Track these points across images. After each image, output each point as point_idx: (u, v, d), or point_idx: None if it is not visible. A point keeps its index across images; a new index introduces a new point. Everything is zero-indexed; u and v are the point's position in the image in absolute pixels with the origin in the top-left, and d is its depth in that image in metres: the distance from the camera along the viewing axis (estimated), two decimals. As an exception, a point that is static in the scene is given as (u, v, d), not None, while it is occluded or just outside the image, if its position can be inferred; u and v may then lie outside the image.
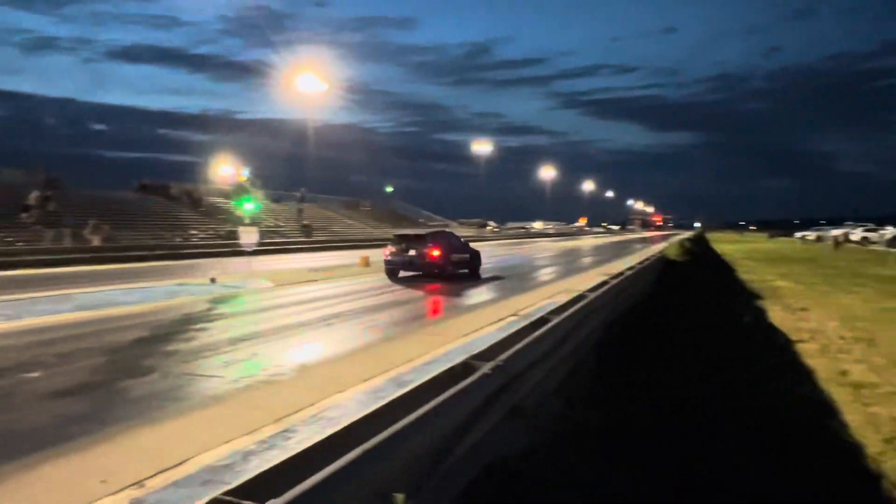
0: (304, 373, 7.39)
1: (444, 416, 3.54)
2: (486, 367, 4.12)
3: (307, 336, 9.79)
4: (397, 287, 16.76)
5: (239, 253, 23.82)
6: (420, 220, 76.68)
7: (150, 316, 11.31)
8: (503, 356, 4.57)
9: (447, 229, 28.54)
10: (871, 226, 61.58)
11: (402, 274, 19.54)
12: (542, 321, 6.41)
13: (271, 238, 39.84)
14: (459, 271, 19.84)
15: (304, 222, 49.46)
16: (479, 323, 10.58)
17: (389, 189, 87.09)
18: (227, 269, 20.46)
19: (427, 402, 3.53)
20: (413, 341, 9.22)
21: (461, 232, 74.52)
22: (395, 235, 20.64)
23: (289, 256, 31.61)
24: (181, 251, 30.13)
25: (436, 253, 18.83)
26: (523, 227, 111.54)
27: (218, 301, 13.64)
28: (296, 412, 5.78)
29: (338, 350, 8.74)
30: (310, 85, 51.35)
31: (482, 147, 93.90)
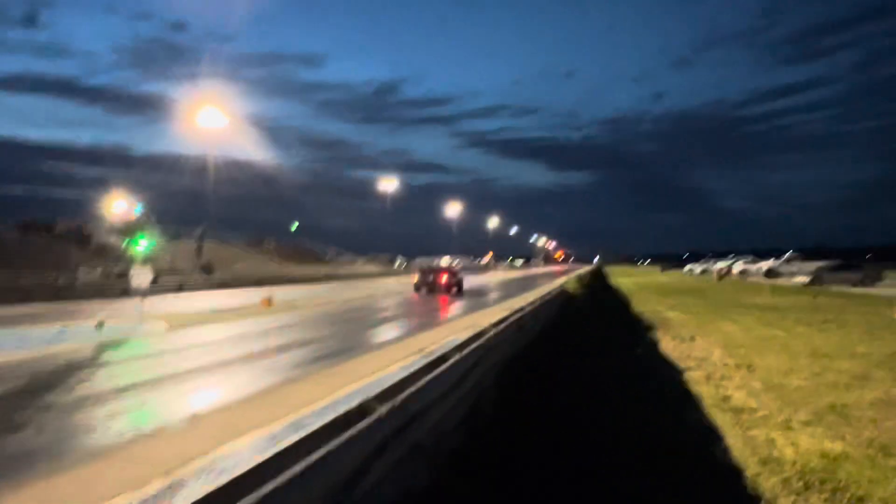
0: (198, 421, 7.04)
1: (339, 460, 3.48)
2: (383, 409, 4.09)
3: (203, 381, 9.36)
4: (302, 326, 16.39)
5: (132, 294, 22.55)
6: (327, 258, 75.70)
7: (25, 366, 10.44)
8: (402, 396, 4.56)
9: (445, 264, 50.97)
10: (750, 258, 66.01)
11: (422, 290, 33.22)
12: (442, 359, 6.45)
13: (168, 278, 38.03)
14: (455, 290, 33.56)
15: (205, 261, 47.62)
16: (383, 362, 10.50)
17: (295, 226, 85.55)
18: (118, 312, 19.29)
19: (323, 446, 3.46)
20: (314, 383, 9.02)
21: (369, 269, 74.20)
22: (419, 268, 39.03)
23: (187, 296, 30.24)
24: (66, 293, 28.16)
25: (444, 278, 33.96)
26: (432, 263, 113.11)
27: (105, 347, 12.80)
28: (186, 464, 5.48)
29: (235, 395, 8.40)
30: (211, 119, 50.04)
31: (389, 184, 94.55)
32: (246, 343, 13.37)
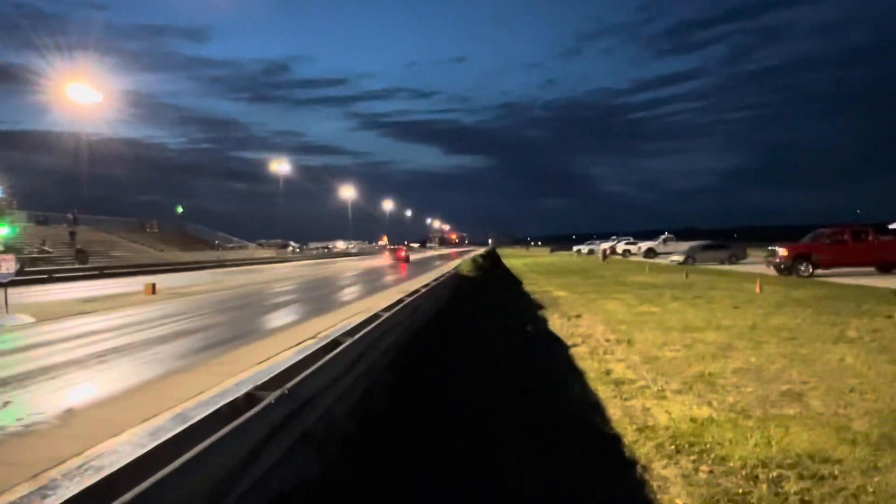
0: (72, 418, 6.60)
1: (224, 451, 3.38)
2: (271, 397, 4.01)
3: (77, 376, 8.75)
4: (188, 315, 15.66)
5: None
6: (216, 242, 72.50)
7: None
8: (291, 383, 4.48)
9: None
10: (631, 239, 69.26)
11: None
12: (335, 343, 6.40)
13: (37, 266, 35.08)
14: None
15: (78, 247, 44.29)
16: (275, 349, 10.27)
17: (180, 209, 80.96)
18: (-23, 305, 17.60)
19: (207, 437, 3.34)
20: (202, 373, 8.68)
21: (260, 254, 71.76)
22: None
23: (60, 286, 28.05)
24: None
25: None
26: (326, 248, 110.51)
27: (-38, 343, 11.67)
28: (58, 464, 5.13)
29: (114, 389, 7.93)
30: (83, 94, 46.31)
31: (281, 166, 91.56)
32: (126, 334, 12.61)
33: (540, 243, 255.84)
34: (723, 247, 44.06)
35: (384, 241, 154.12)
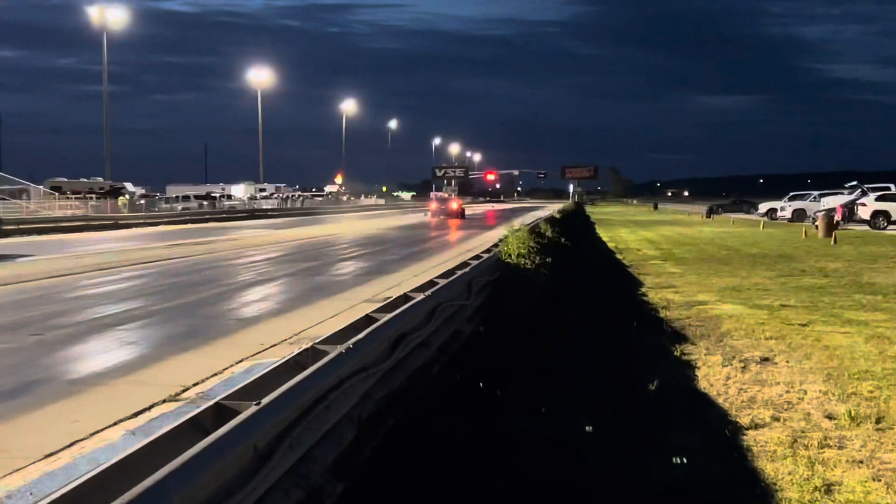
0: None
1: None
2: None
3: None
4: None
5: None
6: None
7: None
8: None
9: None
10: (893, 189, 36.32)
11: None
12: None
13: None
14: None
15: None
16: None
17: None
18: None
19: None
20: None
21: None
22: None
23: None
24: None
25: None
26: (209, 197, 57.55)
27: None
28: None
29: None
30: None
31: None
32: None
33: (686, 194, 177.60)
34: None
35: (337, 180, 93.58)
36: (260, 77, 70.00)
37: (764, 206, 49.22)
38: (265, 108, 69.89)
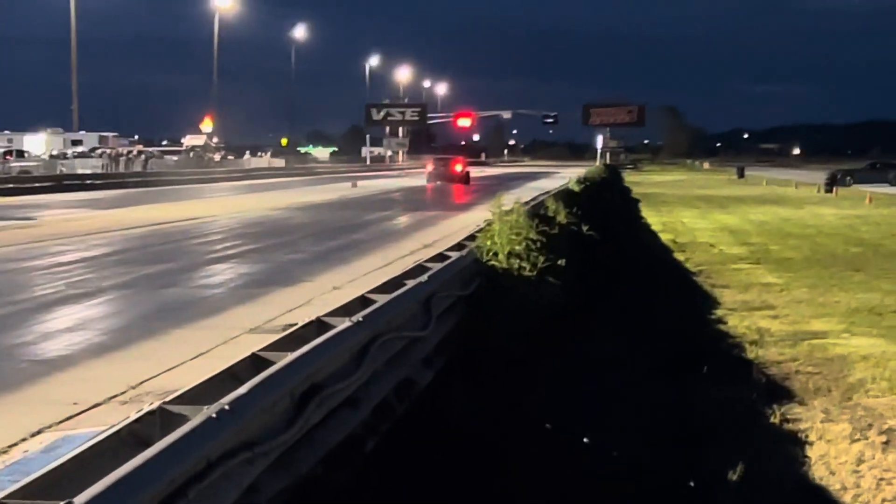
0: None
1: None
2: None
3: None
4: None
5: None
6: None
7: None
8: None
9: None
10: None
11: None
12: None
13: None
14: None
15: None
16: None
17: None
18: None
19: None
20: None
21: None
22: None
23: None
24: None
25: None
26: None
27: None
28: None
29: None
30: None
31: None
32: None
33: (797, 152, 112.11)
34: None
35: (204, 128, 56.93)
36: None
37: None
38: (85, 8, 43.33)
